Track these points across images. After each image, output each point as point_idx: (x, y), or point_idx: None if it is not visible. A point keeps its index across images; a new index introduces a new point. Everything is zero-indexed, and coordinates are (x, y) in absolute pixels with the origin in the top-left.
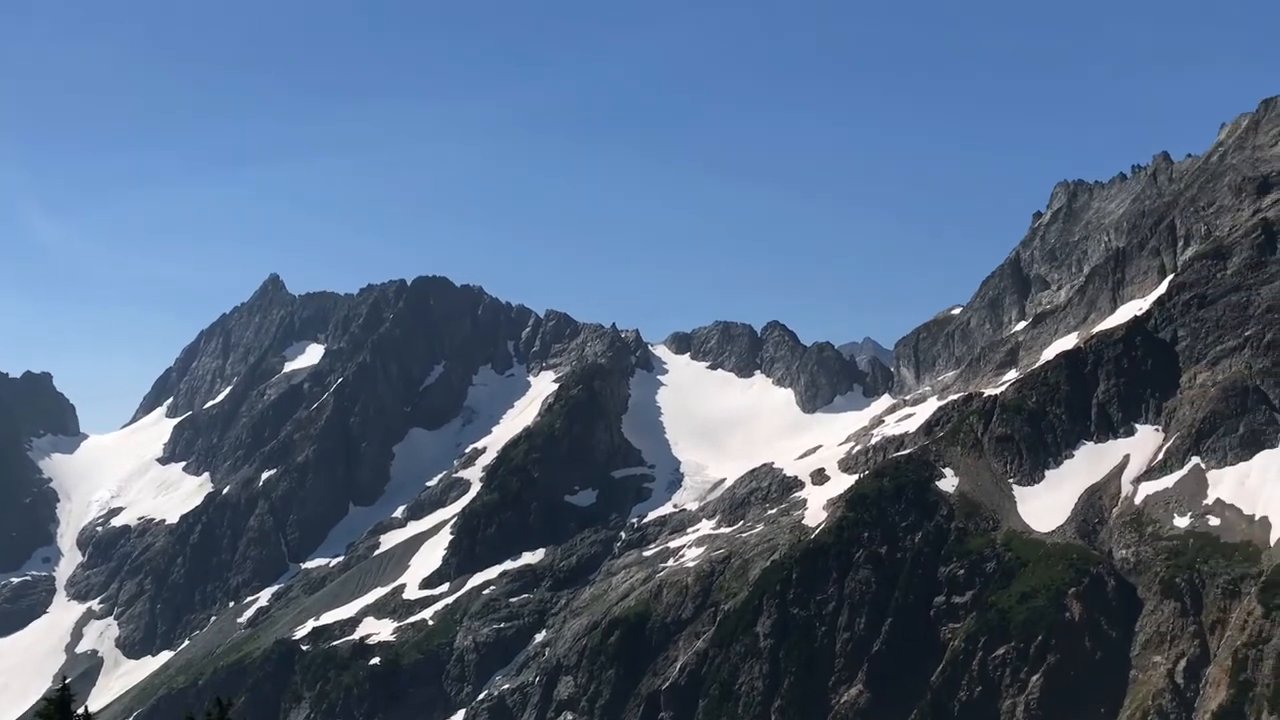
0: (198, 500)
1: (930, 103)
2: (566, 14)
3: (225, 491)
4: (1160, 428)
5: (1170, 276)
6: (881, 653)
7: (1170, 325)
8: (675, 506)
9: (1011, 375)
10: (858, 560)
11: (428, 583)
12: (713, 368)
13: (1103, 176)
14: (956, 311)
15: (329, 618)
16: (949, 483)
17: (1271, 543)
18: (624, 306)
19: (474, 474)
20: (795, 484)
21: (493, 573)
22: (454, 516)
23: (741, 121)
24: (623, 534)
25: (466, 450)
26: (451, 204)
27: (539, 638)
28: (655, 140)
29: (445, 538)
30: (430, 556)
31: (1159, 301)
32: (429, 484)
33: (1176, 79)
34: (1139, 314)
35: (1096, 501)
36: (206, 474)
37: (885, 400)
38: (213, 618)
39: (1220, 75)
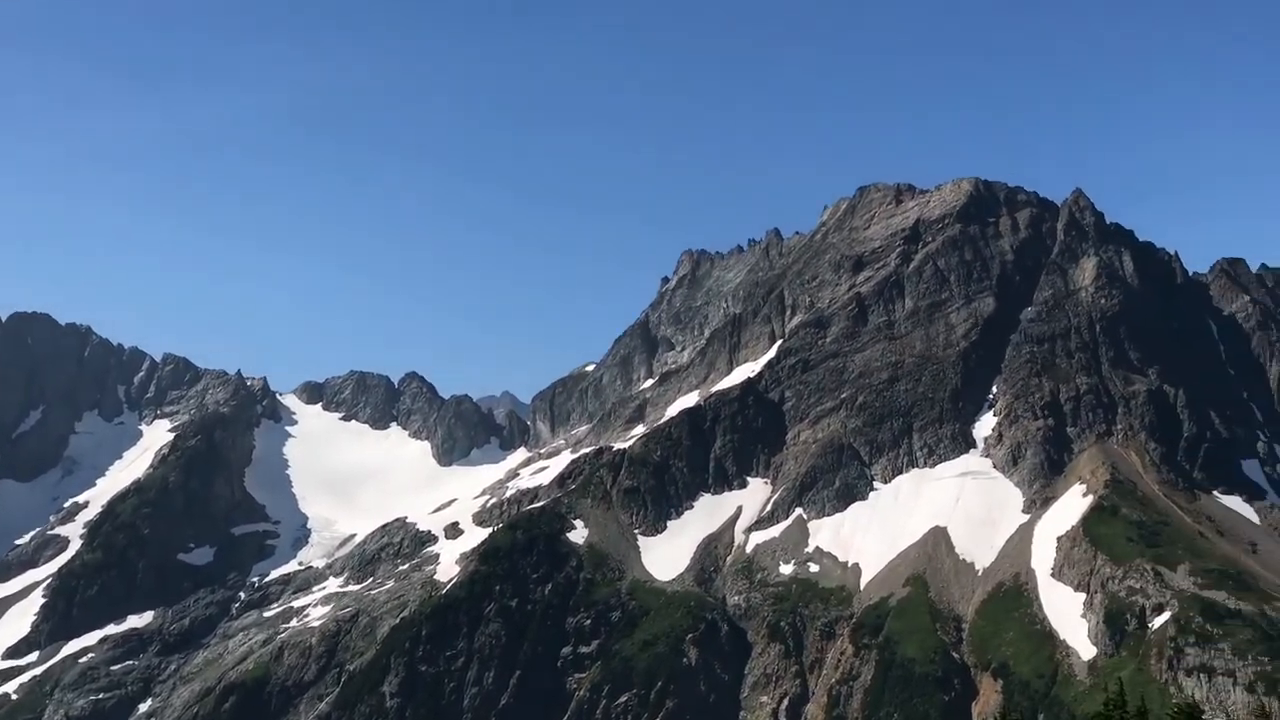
0: None
1: (571, 168)
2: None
3: None
4: (769, 480)
5: (779, 342)
6: (510, 706)
7: (779, 386)
8: (301, 564)
9: (639, 430)
10: (488, 614)
11: (13, 652)
12: (346, 419)
13: (723, 247)
14: (590, 368)
15: None
16: (579, 534)
17: (862, 586)
18: (251, 353)
19: (74, 530)
20: (428, 538)
21: (92, 638)
22: (48, 578)
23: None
24: (242, 594)
25: (66, 505)
26: (57, 233)
27: (144, 707)
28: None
29: (36, 601)
30: (17, 623)
31: (769, 364)
32: (19, 542)
33: (788, 161)
34: (752, 375)
35: (713, 550)
36: None
37: (521, 453)
38: None
39: (825, 160)
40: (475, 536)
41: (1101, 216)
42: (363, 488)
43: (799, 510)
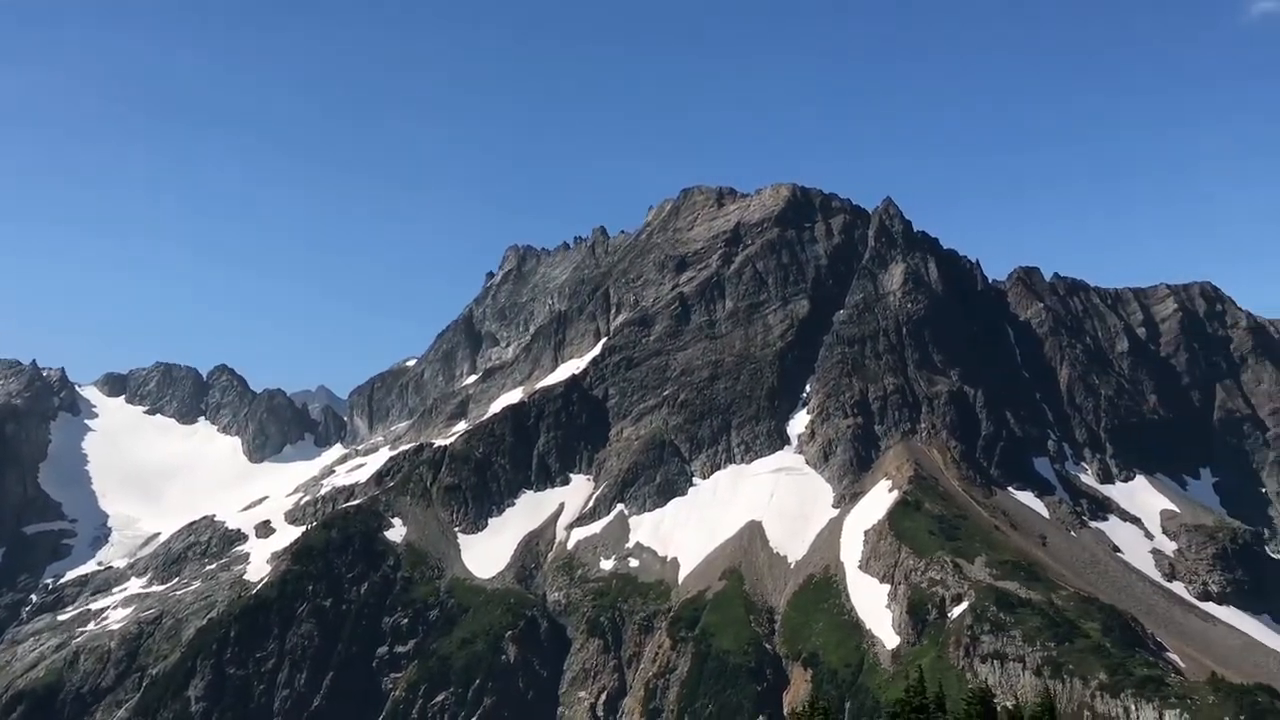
0: None
1: (395, 157)
2: None
3: None
4: (591, 477)
5: (604, 340)
6: (322, 708)
7: (603, 384)
8: (100, 564)
9: (461, 426)
10: (301, 614)
11: None
12: (151, 412)
13: (550, 244)
14: (411, 363)
15: None
16: (397, 532)
17: (680, 581)
18: (47, 341)
19: None
20: (238, 537)
21: None
22: None
23: (195, 150)
24: (34, 596)
25: None
26: None
27: None
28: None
29: None
30: None
31: (594, 362)
32: None
33: (616, 160)
34: (576, 373)
35: (534, 547)
36: None
37: (337, 450)
38: None
39: (651, 161)
40: (288, 535)
41: (909, 224)
42: (168, 485)
43: (620, 506)
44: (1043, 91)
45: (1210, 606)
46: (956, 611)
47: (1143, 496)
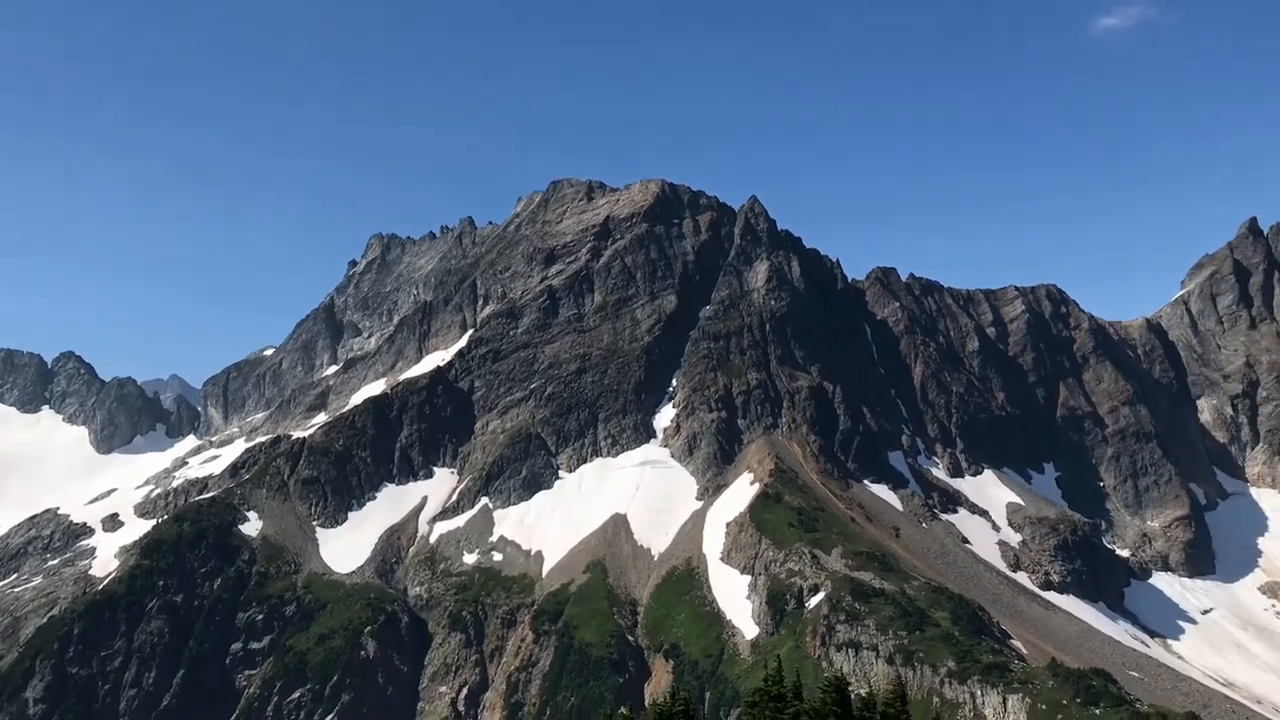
0: None
1: (255, 139)
2: None
3: None
4: (456, 471)
5: (470, 331)
6: (172, 707)
7: (469, 376)
8: None
9: (321, 418)
10: (150, 610)
11: None
12: None
13: (415, 233)
14: (269, 352)
15: None
16: (253, 526)
17: (544, 574)
18: None
19: None
20: (83, 531)
21: None
22: None
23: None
24: None
25: None
26: None
27: None
28: None
29: None
30: None
31: (460, 354)
32: None
33: (484, 150)
34: (441, 364)
35: (395, 541)
36: None
37: (191, 441)
38: None
39: (521, 153)
40: (137, 529)
41: (774, 224)
42: (8, 476)
43: (485, 500)
44: (903, 98)
45: (1051, 595)
46: (814, 602)
47: (990, 490)
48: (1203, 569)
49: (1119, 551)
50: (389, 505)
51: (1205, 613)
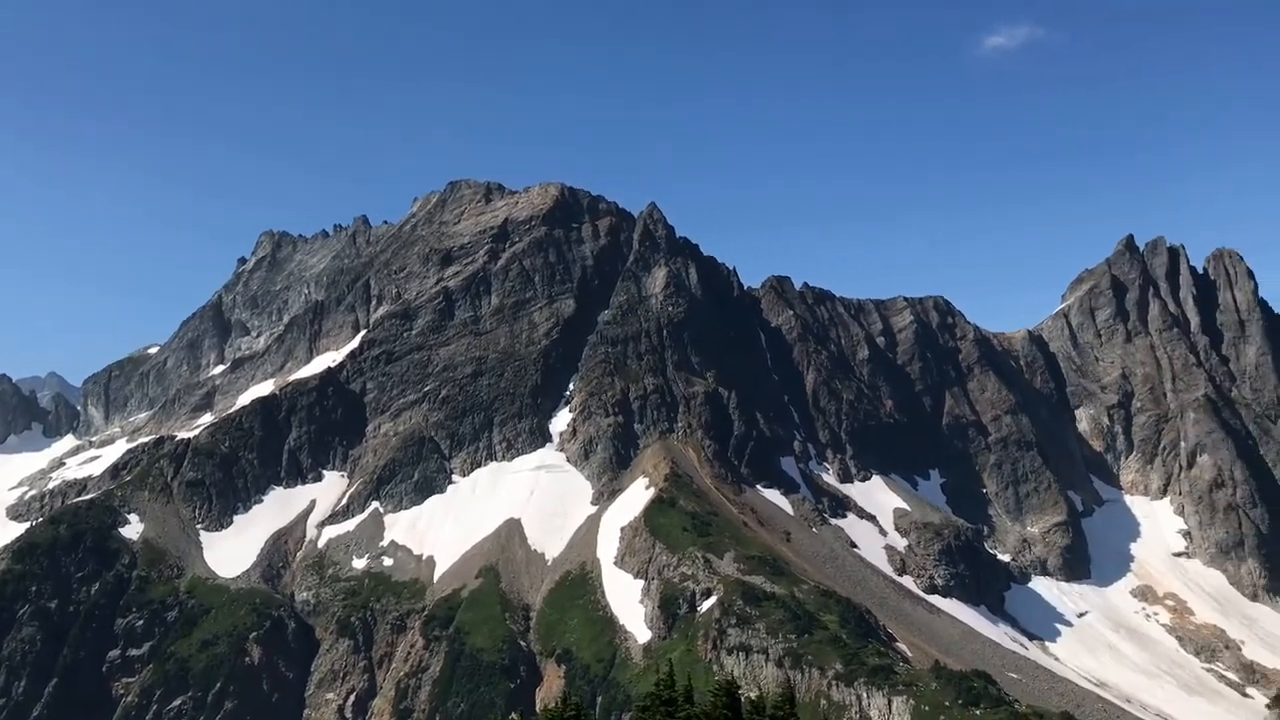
0: None
1: (144, 128)
2: None
3: None
4: (346, 474)
5: (363, 332)
6: (43, 717)
7: (361, 377)
8: None
9: (207, 419)
10: (22, 617)
11: None
12: None
13: (307, 230)
14: (153, 351)
15: None
16: (134, 529)
17: (436, 579)
18: None
19: None
20: None
21: None
22: None
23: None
24: None
25: None
26: None
27: None
28: None
29: None
30: None
31: (351, 355)
32: None
33: (379, 149)
34: (333, 365)
35: (282, 546)
36: None
37: (69, 441)
38: None
39: (420, 155)
40: (9, 532)
41: (672, 230)
42: None
43: (376, 504)
44: (795, 110)
45: (935, 599)
46: (706, 606)
47: (878, 495)
48: (1079, 573)
49: (1000, 556)
50: (276, 508)
51: (1080, 616)
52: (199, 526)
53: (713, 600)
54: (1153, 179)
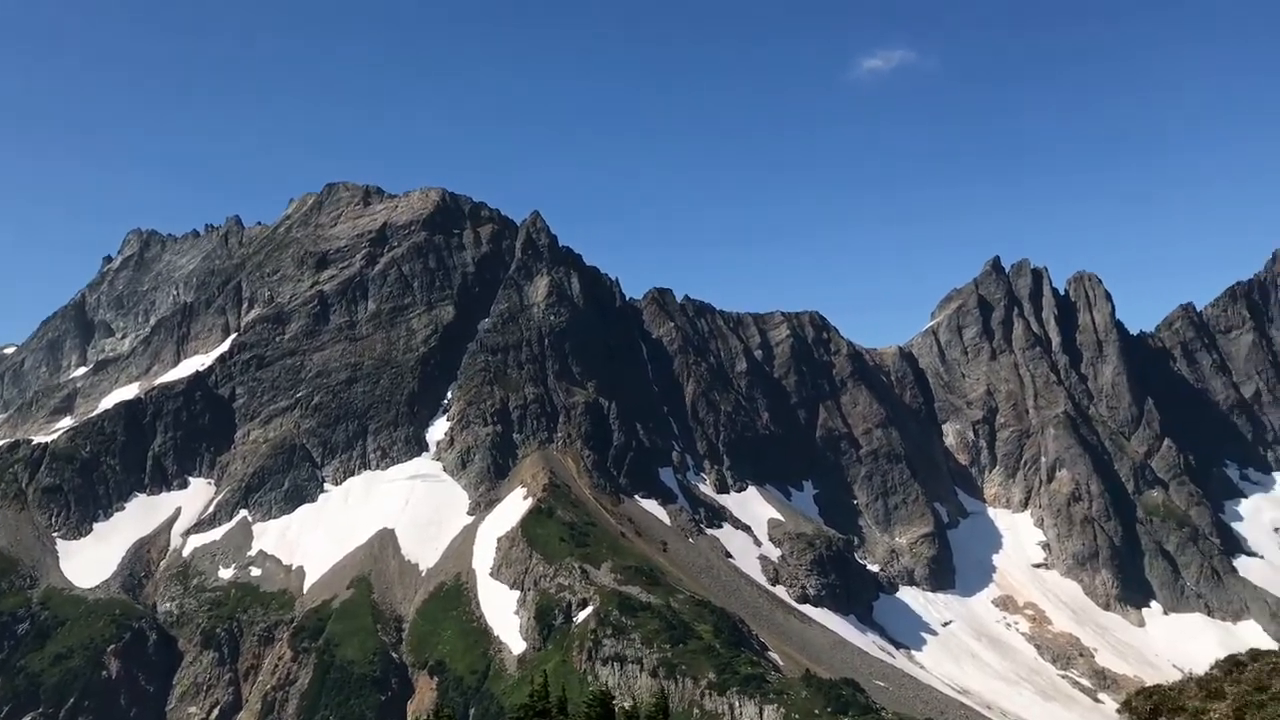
0: None
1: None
2: None
3: None
4: (213, 481)
5: (233, 336)
6: None
7: (230, 382)
8: None
9: (66, 422)
10: None
11: None
12: None
13: (177, 230)
14: (10, 350)
15: None
16: None
17: (305, 590)
18: None
19: None
20: None
21: None
22: None
23: None
24: None
25: None
26: None
27: None
28: None
29: None
30: None
31: (221, 359)
32: None
33: (253, 148)
34: (201, 369)
35: (145, 555)
36: None
37: None
38: None
39: (289, 155)
40: None
41: (555, 239)
42: None
43: (244, 512)
44: (672, 128)
45: (807, 608)
46: (581, 616)
47: (754, 506)
48: (944, 583)
49: (869, 566)
50: (139, 516)
51: (945, 624)
52: (55, 535)
53: (589, 611)
54: (1018, 201)
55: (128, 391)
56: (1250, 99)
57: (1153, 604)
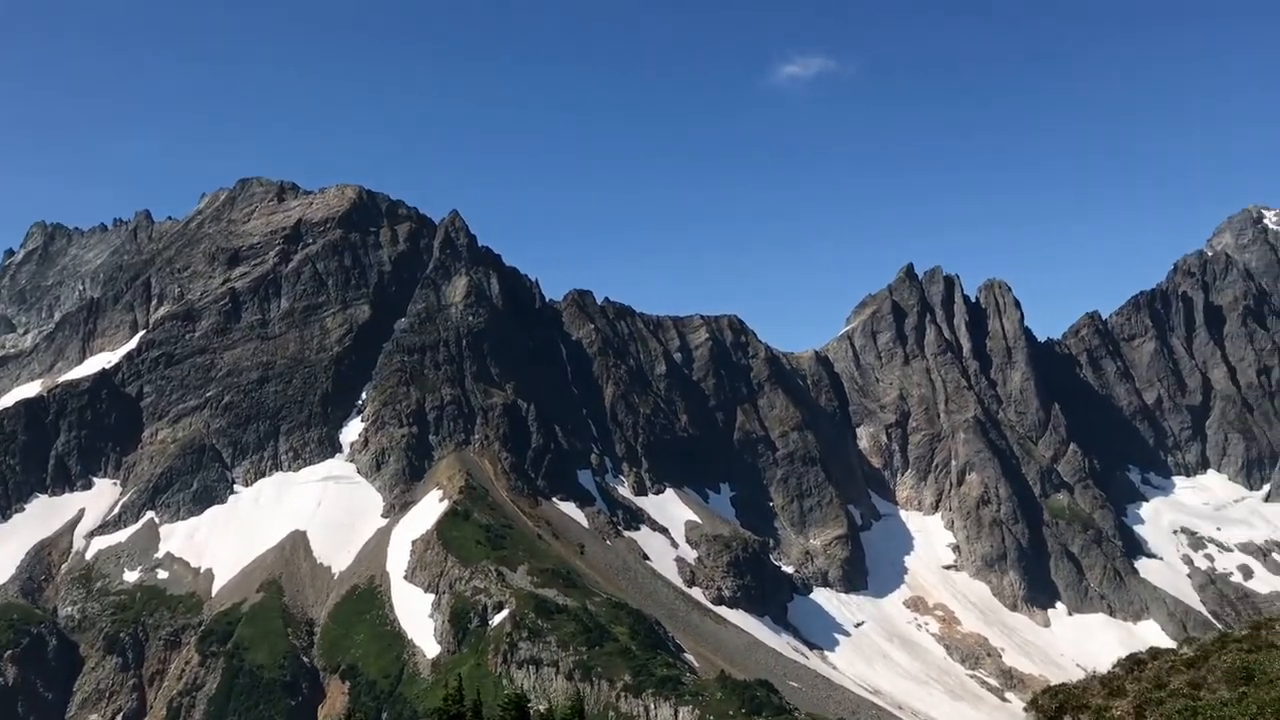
0: None
1: None
2: None
3: None
4: (119, 482)
5: (142, 333)
6: None
7: (138, 380)
8: None
9: None
10: None
11: None
12: None
13: (84, 223)
14: None
15: None
16: None
17: (214, 593)
18: None
19: None
20: None
21: None
22: None
23: None
24: None
25: None
26: None
27: None
28: None
29: None
30: None
31: (129, 356)
32: None
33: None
34: (107, 367)
35: (45, 557)
36: None
37: None
38: None
39: (202, 149)
40: None
41: (474, 239)
42: None
43: (151, 514)
44: (588, 127)
45: (723, 610)
46: (497, 619)
47: (671, 508)
48: (857, 585)
49: (784, 567)
50: (40, 518)
51: (858, 625)
52: None
53: (505, 614)
54: (933, 208)
55: (30, 389)
56: (1162, 110)
57: (1058, 604)
